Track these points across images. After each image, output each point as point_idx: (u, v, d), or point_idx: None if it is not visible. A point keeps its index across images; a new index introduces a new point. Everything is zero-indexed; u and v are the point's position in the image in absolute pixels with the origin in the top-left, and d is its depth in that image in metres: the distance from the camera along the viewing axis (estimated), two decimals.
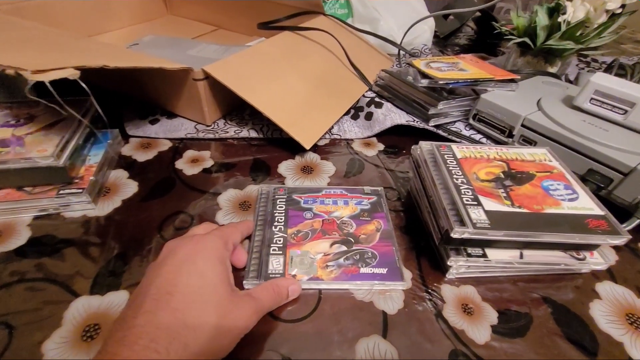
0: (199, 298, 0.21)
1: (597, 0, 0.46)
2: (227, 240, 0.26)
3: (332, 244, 0.30)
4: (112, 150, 0.39)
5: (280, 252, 0.30)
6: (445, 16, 0.78)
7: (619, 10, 0.47)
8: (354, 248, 0.30)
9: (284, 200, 0.34)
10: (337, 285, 0.28)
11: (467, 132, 0.47)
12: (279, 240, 0.30)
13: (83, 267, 0.28)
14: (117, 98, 0.49)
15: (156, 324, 0.19)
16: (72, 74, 0.27)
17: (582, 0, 0.47)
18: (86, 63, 0.28)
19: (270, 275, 0.28)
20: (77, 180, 0.34)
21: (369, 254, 0.30)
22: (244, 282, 0.28)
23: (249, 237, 0.31)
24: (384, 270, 0.29)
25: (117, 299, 0.26)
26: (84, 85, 0.27)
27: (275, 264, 0.29)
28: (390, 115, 0.47)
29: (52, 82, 0.26)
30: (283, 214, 0.33)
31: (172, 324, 0.19)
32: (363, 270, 0.29)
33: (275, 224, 0.32)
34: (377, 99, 0.50)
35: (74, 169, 0.34)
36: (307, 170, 0.40)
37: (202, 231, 0.27)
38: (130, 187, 0.36)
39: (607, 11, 0.46)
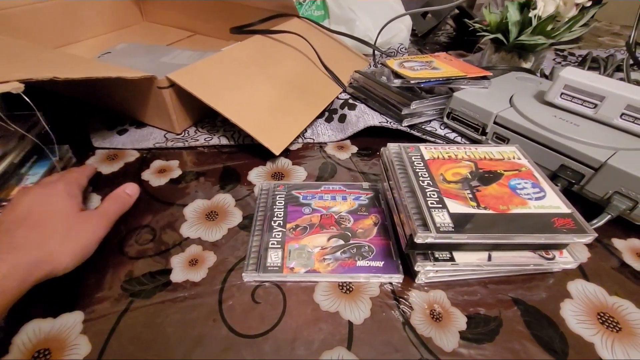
0: (50, 221, 0.26)
1: None
2: (77, 182, 0.31)
3: (329, 238, 0.31)
4: (59, 168, 0.37)
5: (279, 245, 0.30)
6: (424, 15, 0.78)
7: (589, 4, 0.46)
8: (351, 242, 0.31)
9: (284, 196, 0.35)
10: (334, 278, 0.28)
11: (442, 131, 0.47)
12: (278, 235, 0.31)
13: (35, 289, 0.27)
14: (86, 109, 0.48)
15: (12, 235, 0.24)
16: (16, 88, 0.25)
17: None
18: (33, 75, 0.27)
19: (269, 268, 0.28)
20: (4, 203, 0.31)
21: (366, 247, 0.30)
22: (243, 274, 0.28)
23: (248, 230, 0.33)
24: (380, 264, 0.29)
25: (71, 320, 0.25)
26: (28, 100, 0.26)
27: (273, 257, 0.29)
28: (364, 117, 0.46)
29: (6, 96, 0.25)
30: (282, 210, 0.33)
31: (25, 236, 0.24)
32: (360, 263, 0.29)
33: (275, 219, 0.33)
34: (350, 101, 0.49)
35: (3, 191, 0.32)
36: (278, 176, 0.39)
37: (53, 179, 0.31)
38: (93, 202, 0.35)
39: (576, 5, 0.46)
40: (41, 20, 0.61)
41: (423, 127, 0.47)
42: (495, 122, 0.41)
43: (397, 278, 0.28)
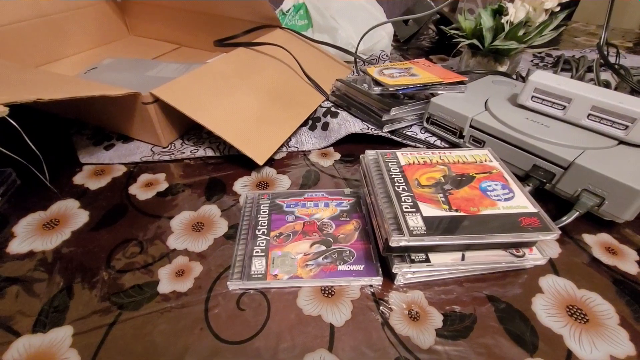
0: None
1: (535, 1, 0.48)
2: None
3: (312, 245, 0.32)
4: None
5: (263, 253, 0.31)
6: (405, 21, 0.80)
7: (558, 9, 0.49)
8: (332, 247, 0.32)
9: (268, 205, 0.36)
10: (315, 283, 0.29)
11: (422, 136, 0.48)
12: (262, 243, 0.32)
13: (26, 305, 0.28)
14: (71, 125, 0.49)
15: None
16: (0, 112, 0.26)
17: (522, 1, 0.49)
18: (17, 98, 0.28)
19: (253, 276, 0.29)
20: None
21: (347, 252, 0.31)
22: (228, 283, 0.29)
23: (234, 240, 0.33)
24: (360, 267, 0.30)
25: (61, 334, 0.26)
26: (14, 123, 0.27)
27: (257, 265, 0.30)
28: (345, 124, 0.47)
29: None
30: (266, 218, 0.35)
31: None
32: (341, 267, 0.30)
33: (259, 227, 0.34)
34: (333, 109, 0.51)
35: None
36: (263, 185, 0.40)
37: None
38: (81, 217, 0.36)
39: (546, 10, 0.48)
40: (26, 38, 0.61)
41: (404, 132, 0.48)
42: (471, 126, 0.43)
43: (377, 280, 0.30)
